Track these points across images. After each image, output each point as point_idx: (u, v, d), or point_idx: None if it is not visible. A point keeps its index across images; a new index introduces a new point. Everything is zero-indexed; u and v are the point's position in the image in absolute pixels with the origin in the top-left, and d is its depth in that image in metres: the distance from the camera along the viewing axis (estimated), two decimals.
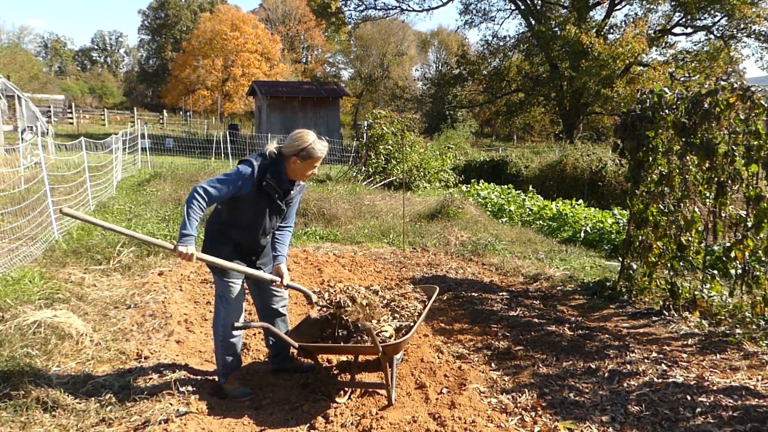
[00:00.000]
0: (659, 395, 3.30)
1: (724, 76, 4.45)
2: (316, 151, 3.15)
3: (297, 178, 3.26)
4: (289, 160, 3.16)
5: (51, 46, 69.27)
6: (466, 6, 33.94)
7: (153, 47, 63.81)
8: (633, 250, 5.33)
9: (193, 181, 11.56)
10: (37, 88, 41.67)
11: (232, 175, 3.10)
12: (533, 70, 32.59)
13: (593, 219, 9.66)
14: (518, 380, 3.58)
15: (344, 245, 7.84)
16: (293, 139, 3.17)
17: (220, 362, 3.39)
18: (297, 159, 3.14)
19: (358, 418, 3.06)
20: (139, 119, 32.94)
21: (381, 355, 3.01)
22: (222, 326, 3.30)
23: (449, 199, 10.46)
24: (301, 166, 3.17)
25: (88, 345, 3.90)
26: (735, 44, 29.15)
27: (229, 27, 46.45)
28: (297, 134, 3.19)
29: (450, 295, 5.57)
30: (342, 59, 60.52)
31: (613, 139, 5.43)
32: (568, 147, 19.48)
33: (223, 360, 3.36)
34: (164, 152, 21.07)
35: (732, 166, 4.31)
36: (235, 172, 3.12)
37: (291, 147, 3.15)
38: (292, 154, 3.14)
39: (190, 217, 2.99)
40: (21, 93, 18.79)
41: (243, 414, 3.14)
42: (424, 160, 15.48)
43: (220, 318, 3.31)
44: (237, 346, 3.38)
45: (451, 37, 55.49)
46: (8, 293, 4.62)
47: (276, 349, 3.66)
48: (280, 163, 3.18)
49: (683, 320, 4.60)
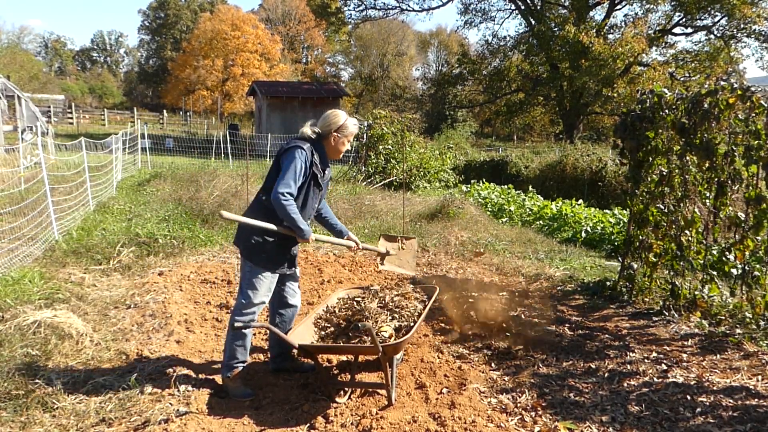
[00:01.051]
0: (659, 395, 3.30)
1: (724, 76, 4.45)
2: (351, 126, 3.38)
3: (334, 156, 3.44)
4: (329, 138, 3.34)
5: (51, 46, 69.27)
6: (466, 6, 33.98)
7: (153, 47, 63.82)
8: (633, 250, 5.33)
9: (193, 181, 11.56)
10: (37, 88, 41.67)
11: (298, 164, 3.17)
12: (533, 70, 32.60)
13: (593, 219, 9.66)
14: (518, 380, 3.58)
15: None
16: (329, 118, 3.36)
17: (227, 353, 3.37)
18: (337, 135, 3.34)
19: (358, 418, 3.06)
20: (139, 119, 32.94)
21: (381, 356, 3.01)
22: (241, 314, 3.29)
23: (449, 199, 10.46)
24: (340, 140, 3.36)
25: (88, 345, 3.90)
26: (735, 44, 29.18)
27: (229, 27, 46.45)
28: (331, 113, 3.40)
29: (450, 295, 5.57)
30: (342, 59, 60.60)
31: (613, 139, 5.43)
32: (568, 147, 19.49)
33: (231, 350, 3.34)
34: (164, 152, 21.07)
35: (732, 167, 4.31)
36: (299, 160, 3.18)
37: (329, 125, 3.34)
38: (333, 131, 3.33)
39: (294, 215, 3.14)
40: (21, 93, 18.79)
41: (243, 414, 3.14)
42: (424, 160, 15.47)
43: (241, 306, 3.30)
44: (247, 339, 3.39)
45: (451, 38, 55.51)
46: (8, 293, 4.62)
47: (279, 348, 3.66)
48: (320, 143, 3.35)
49: (683, 320, 4.60)
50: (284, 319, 3.60)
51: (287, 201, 3.11)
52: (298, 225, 3.17)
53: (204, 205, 8.98)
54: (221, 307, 4.99)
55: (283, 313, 3.60)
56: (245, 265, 3.33)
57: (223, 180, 11.06)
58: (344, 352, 3.51)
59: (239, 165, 17.62)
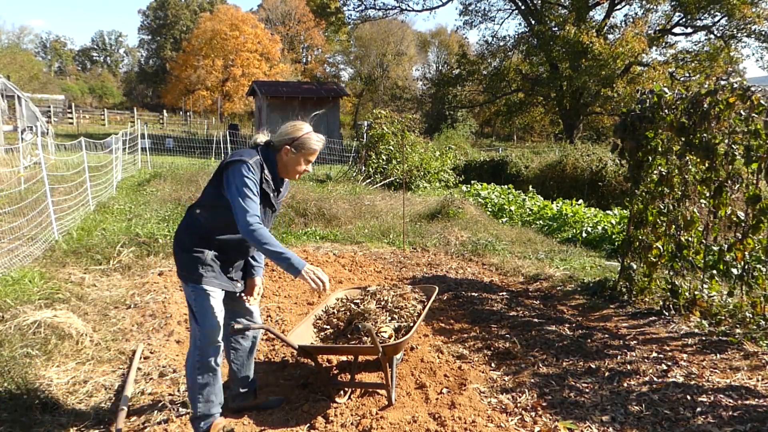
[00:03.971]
0: (659, 395, 3.30)
1: (724, 76, 4.45)
2: (312, 141, 2.79)
3: (287, 176, 2.87)
4: (281, 151, 2.79)
5: (51, 46, 69.27)
6: (466, 6, 33.92)
7: (153, 47, 63.82)
8: (633, 250, 5.33)
9: (193, 181, 11.56)
10: (37, 88, 41.66)
11: (248, 183, 2.63)
12: (533, 71, 32.58)
13: (593, 219, 9.66)
14: (518, 380, 3.58)
15: (344, 245, 7.84)
16: (286, 129, 2.82)
17: (195, 402, 2.80)
18: (291, 149, 2.77)
19: (358, 418, 3.06)
20: (139, 119, 32.94)
21: (381, 356, 3.01)
22: (199, 349, 2.74)
23: (449, 199, 10.46)
24: (294, 158, 2.78)
25: (88, 345, 3.90)
26: (735, 44, 29.14)
27: (228, 27, 46.48)
28: (290, 124, 2.84)
29: (450, 295, 5.57)
30: (342, 59, 60.62)
31: (613, 139, 5.43)
32: (568, 147, 19.48)
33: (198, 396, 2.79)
34: (164, 152, 21.07)
35: (731, 166, 4.31)
36: (248, 179, 2.64)
37: (284, 136, 2.80)
38: (285, 144, 2.78)
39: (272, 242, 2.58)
40: (21, 93, 18.78)
41: (243, 414, 3.14)
42: (424, 160, 15.48)
43: (196, 339, 2.76)
44: (217, 376, 2.81)
45: (451, 38, 55.51)
46: (8, 293, 4.61)
47: (242, 383, 3.17)
48: (272, 156, 2.81)
49: (683, 320, 4.60)
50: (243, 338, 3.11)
51: (261, 229, 2.57)
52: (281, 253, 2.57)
53: None
54: None
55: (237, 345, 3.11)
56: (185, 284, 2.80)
57: None
58: (344, 352, 3.49)
59: None
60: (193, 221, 2.81)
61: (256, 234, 2.55)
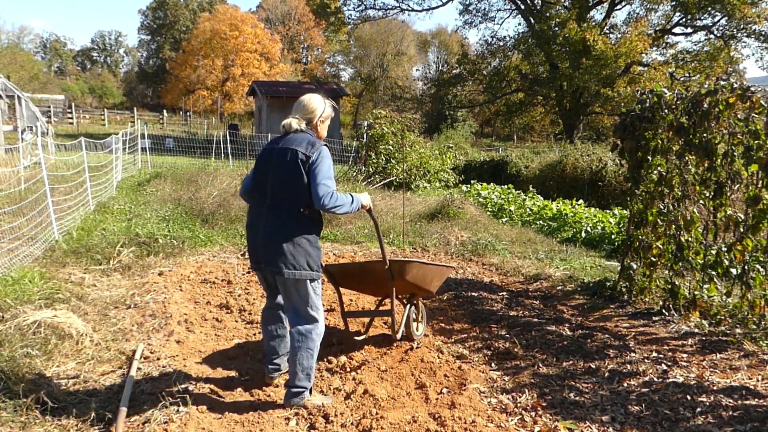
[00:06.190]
0: (659, 395, 3.30)
1: (724, 76, 4.45)
2: (329, 109, 3.25)
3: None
4: (320, 126, 3.20)
5: (51, 46, 69.27)
6: (466, 6, 33.91)
7: (153, 47, 63.81)
8: (633, 250, 5.33)
9: (193, 181, 11.55)
10: (37, 88, 41.69)
11: (327, 162, 3.03)
12: (533, 70, 32.58)
13: (593, 219, 9.66)
14: (518, 380, 3.58)
15: (344, 245, 7.84)
16: (310, 106, 3.17)
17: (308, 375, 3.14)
18: (326, 120, 3.23)
19: (358, 418, 3.06)
20: (139, 119, 32.93)
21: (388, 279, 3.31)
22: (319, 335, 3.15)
23: (449, 199, 10.45)
24: (323, 127, 3.24)
25: (88, 345, 3.90)
26: (735, 44, 29.14)
27: (228, 27, 46.46)
28: (307, 100, 3.19)
29: (450, 295, 5.57)
30: (342, 59, 60.60)
31: (613, 139, 5.43)
32: (568, 147, 19.46)
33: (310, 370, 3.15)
34: (164, 152, 21.06)
35: (731, 167, 4.31)
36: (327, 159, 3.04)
37: (314, 112, 3.16)
38: (320, 118, 3.18)
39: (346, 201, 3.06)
40: (21, 93, 18.78)
41: (243, 414, 3.14)
42: (424, 160, 15.47)
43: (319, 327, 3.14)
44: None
45: (451, 38, 55.51)
46: (8, 293, 4.61)
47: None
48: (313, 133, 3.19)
49: (683, 320, 4.60)
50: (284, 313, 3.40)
51: (336, 198, 2.98)
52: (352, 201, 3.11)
53: (204, 205, 8.99)
54: (221, 307, 4.99)
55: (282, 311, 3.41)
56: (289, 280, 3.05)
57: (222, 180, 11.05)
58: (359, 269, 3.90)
59: (239, 165, 17.60)
60: (306, 220, 3.07)
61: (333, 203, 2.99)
